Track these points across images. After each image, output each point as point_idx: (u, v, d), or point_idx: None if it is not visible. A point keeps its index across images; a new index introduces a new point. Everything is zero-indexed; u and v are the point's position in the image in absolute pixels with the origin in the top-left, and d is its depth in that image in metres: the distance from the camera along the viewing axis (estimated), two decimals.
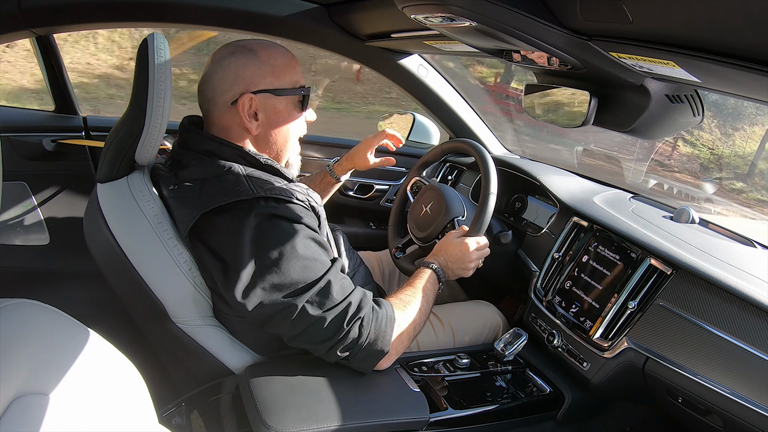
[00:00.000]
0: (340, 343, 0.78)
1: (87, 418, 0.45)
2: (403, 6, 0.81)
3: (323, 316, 0.76)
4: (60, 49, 1.32)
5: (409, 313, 0.88)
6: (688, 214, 1.08)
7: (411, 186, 1.29)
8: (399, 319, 0.85)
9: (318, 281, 0.77)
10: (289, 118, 0.86)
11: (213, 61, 0.84)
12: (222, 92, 0.82)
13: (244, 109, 0.82)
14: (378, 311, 0.82)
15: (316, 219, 0.84)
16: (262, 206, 0.76)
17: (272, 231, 0.76)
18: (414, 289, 0.92)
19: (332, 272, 0.79)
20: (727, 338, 0.78)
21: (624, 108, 0.86)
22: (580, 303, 1.01)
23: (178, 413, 0.82)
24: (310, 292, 0.76)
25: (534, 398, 0.99)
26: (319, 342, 0.78)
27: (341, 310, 0.77)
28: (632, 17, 0.58)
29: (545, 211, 1.26)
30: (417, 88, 1.47)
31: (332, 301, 0.77)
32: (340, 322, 0.77)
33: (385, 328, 0.81)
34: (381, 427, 0.77)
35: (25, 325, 0.45)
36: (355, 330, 0.78)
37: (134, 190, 0.82)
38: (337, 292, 0.78)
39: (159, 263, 0.79)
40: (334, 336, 0.77)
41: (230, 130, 0.84)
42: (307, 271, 0.76)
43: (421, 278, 0.96)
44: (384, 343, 0.81)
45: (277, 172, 0.84)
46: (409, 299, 0.90)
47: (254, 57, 0.82)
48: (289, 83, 0.85)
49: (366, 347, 0.80)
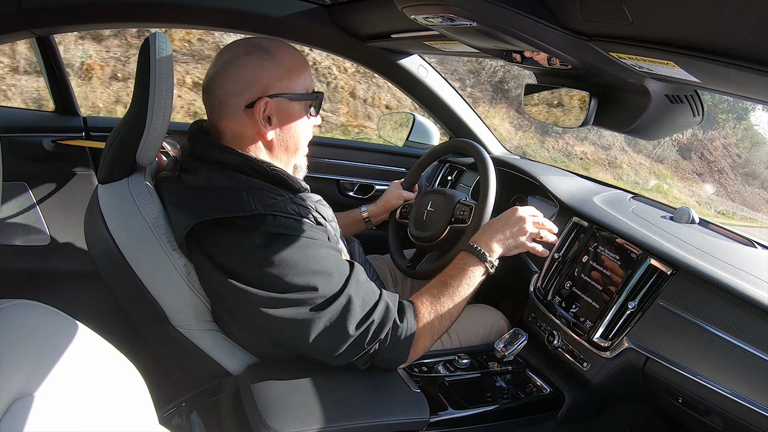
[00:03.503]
0: (358, 360, 0.78)
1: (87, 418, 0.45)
2: (403, 6, 0.81)
3: (343, 335, 0.75)
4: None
5: (436, 311, 0.85)
6: (688, 214, 1.08)
7: (399, 213, 1.30)
8: (425, 325, 0.83)
9: (337, 297, 0.75)
10: (301, 123, 0.84)
11: (224, 59, 0.79)
12: (236, 94, 0.78)
13: (260, 113, 0.78)
14: (399, 326, 0.80)
15: (324, 233, 0.80)
16: (269, 224, 0.73)
17: (282, 247, 0.73)
18: (445, 285, 0.88)
19: (352, 284, 0.77)
20: (727, 338, 0.78)
21: (624, 108, 0.86)
22: (580, 303, 1.01)
23: (178, 414, 0.82)
24: (329, 310, 0.74)
25: (534, 398, 0.99)
26: (335, 359, 0.77)
27: (364, 329, 0.76)
28: (632, 17, 0.58)
29: (545, 211, 1.26)
30: (417, 89, 1.47)
31: (354, 319, 0.75)
32: (361, 342, 0.76)
33: (402, 342, 0.80)
34: (381, 428, 0.77)
35: (26, 326, 0.45)
36: (375, 346, 0.78)
37: (134, 191, 0.81)
38: (359, 306, 0.76)
39: (158, 266, 0.78)
40: (352, 355, 0.77)
41: (242, 135, 0.81)
42: (323, 286, 0.74)
43: (456, 266, 0.92)
44: (400, 355, 0.81)
45: (284, 183, 0.81)
46: (438, 296, 0.87)
47: (270, 58, 0.78)
48: (303, 87, 0.82)
49: (382, 358, 0.79)
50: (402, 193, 1.29)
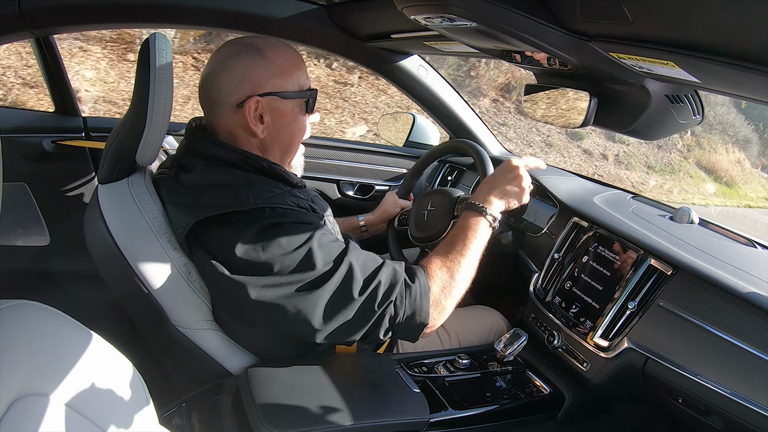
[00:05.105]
0: (376, 328, 0.76)
1: (87, 418, 0.45)
2: (403, 7, 0.81)
3: (349, 303, 0.74)
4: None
5: (449, 269, 0.84)
6: (688, 214, 1.08)
7: (398, 220, 1.28)
8: (439, 284, 0.82)
9: (336, 268, 0.74)
10: (294, 121, 0.84)
11: (217, 59, 0.81)
12: (228, 94, 0.79)
13: (251, 112, 0.79)
14: (411, 286, 0.78)
15: (321, 219, 0.82)
16: (267, 216, 0.74)
17: (278, 233, 0.74)
18: (452, 244, 0.87)
19: (350, 254, 0.76)
20: (728, 338, 0.78)
21: (624, 108, 0.86)
22: (580, 303, 1.01)
23: (179, 414, 0.82)
24: (330, 283, 0.73)
25: (534, 399, 0.99)
26: (353, 332, 0.76)
27: (370, 292, 0.74)
28: (632, 18, 0.58)
29: (545, 211, 1.26)
30: (417, 89, 1.47)
31: (357, 284, 0.74)
32: (370, 305, 0.74)
33: (421, 302, 0.79)
34: (381, 428, 0.77)
35: (26, 326, 0.45)
36: (391, 310, 0.76)
37: (134, 191, 0.81)
38: (360, 271, 0.75)
39: (158, 266, 0.78)
40: (366, 322, 0.75)
41: (235, 133, 0.82)
42: (320, 263, 0.73)
43: (458, 225, 0.91)
44: (423, 316, 0.79)
45: (281, 177, 0.82)
46: (446, 254, 0.86)
47: (261, 57, 0.79)
48: (296, 85, 0.83)
49: (405, 324, 0.78)
50: (398, 201, 1.28)
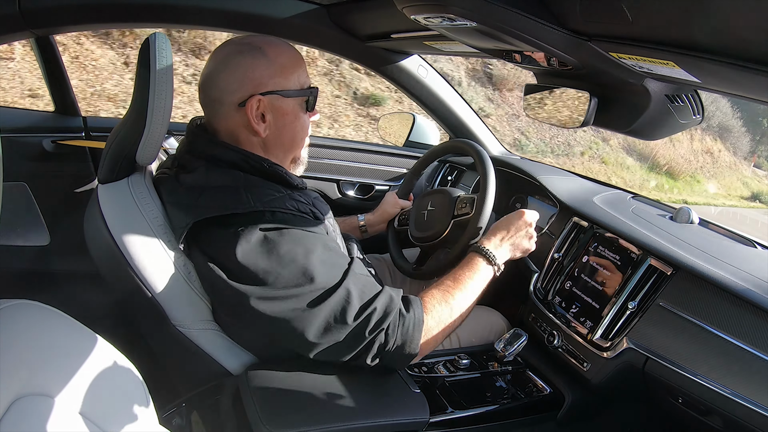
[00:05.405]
0: (365, 353, 0.77)
1: (88, 418, 0.45)
2: (403, 6, 0.81)
3: (342, 326, 0.73)
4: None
5: (447, 304, 0.85)
6: (688, 214, 1.08)
7: (397, 221, 1.29)
8: (435, 317, 0.83)
9: (335, 289, 0.74)
10: (296, 119, 0.84)
11: (217, 59, 0.80)
12: (229, 93, 0.79)
13: (252, 111, 0.79)
14: (405, 316, 0.79)
15: (323, 228, 0.81)
16: (266, 219, 0.74)
17: (280, 241, 0.73)
18: (455, 281, 0.89)
19: (350, 277, 0.76)
20: (727, 338, 0.78)
21: (624, 108, 0.86)
22: (580, 303, 1.01)
23: (179, 414, 0.82)
24: (327, 303, 0.73)
25: (534, 399, 0.99)
26: (341, 354, 0.76)
27: (363, 318, 0.74)
28: (632, 17, 0.58)
29: (545, 211, 1.26)
30: (417, 89, 1.47)
31: (353, 309, 0.74)
32: (361, 331, 0.75)
33: (413, 333, 0.79)
34: (381, 428, 0.77)
35: (26, 325, 0.45)
36: (381, 338, 0.77)
37: (135, 191, 0.81)
38: (357, 298, 0.75)
39: (158, 266, 0.78)
40: (356, 347, 0.76)
41: (237, 133, 0.82)
42: (321, 279, 0.73)
43: (465, 266, 0.92)
44: (413, 347, 0.80)
45: (281, 179, 0.82)
46: (447, 290, 0.87)
47: (262, 56, 0.79)
48: (297, 84, 0.83)
49: (393, 353, 0.78)
50: (398, 201, 1.28)
